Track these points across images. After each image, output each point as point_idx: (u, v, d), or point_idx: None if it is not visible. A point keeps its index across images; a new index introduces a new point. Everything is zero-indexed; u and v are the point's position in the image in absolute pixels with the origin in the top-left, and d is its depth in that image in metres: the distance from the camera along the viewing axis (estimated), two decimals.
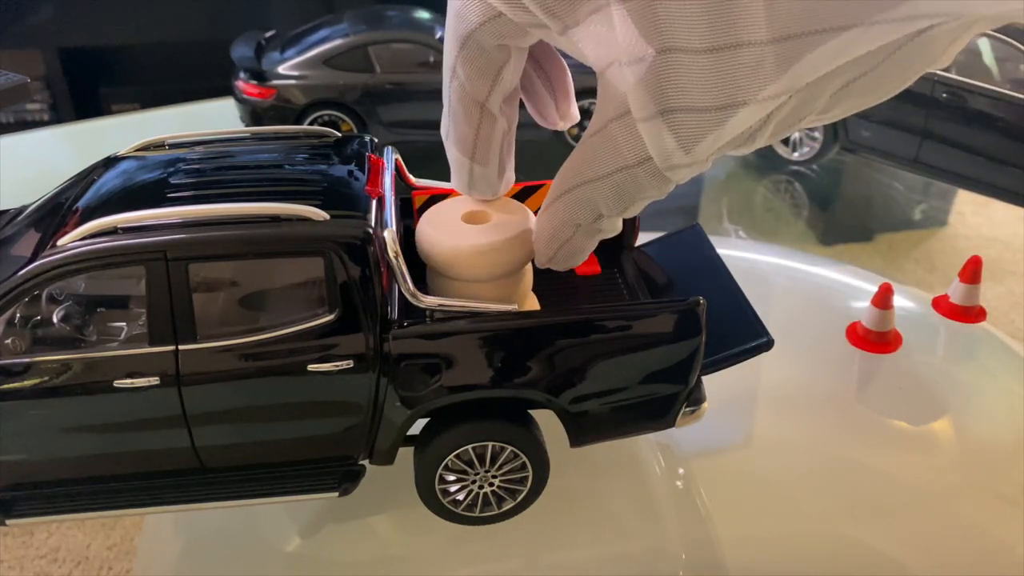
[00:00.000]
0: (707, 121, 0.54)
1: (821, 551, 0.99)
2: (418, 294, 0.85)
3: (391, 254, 0.85)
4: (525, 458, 0.92)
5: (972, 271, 1.32)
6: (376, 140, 1.04)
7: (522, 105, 0.79)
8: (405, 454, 0.93)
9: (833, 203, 2.42)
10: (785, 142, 2.45)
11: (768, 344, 0.96)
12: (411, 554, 0.98)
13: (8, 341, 0.84)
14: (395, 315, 0.88)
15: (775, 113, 0.55)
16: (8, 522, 0.87)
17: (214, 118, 2.50)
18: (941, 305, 1.35)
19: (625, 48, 0.55)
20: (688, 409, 0.93)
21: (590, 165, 0.64)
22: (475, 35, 0.62)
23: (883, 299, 1.26)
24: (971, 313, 1.33)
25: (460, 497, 0.93)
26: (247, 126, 2.28)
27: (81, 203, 0.89)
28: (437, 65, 2.25)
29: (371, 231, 0.85)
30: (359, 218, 0.86)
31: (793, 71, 0.50)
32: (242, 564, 0.96)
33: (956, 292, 1.34)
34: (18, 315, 0.85)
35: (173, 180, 0.90)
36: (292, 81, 2.23)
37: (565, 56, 0.75)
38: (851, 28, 0.48)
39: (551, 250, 0.72)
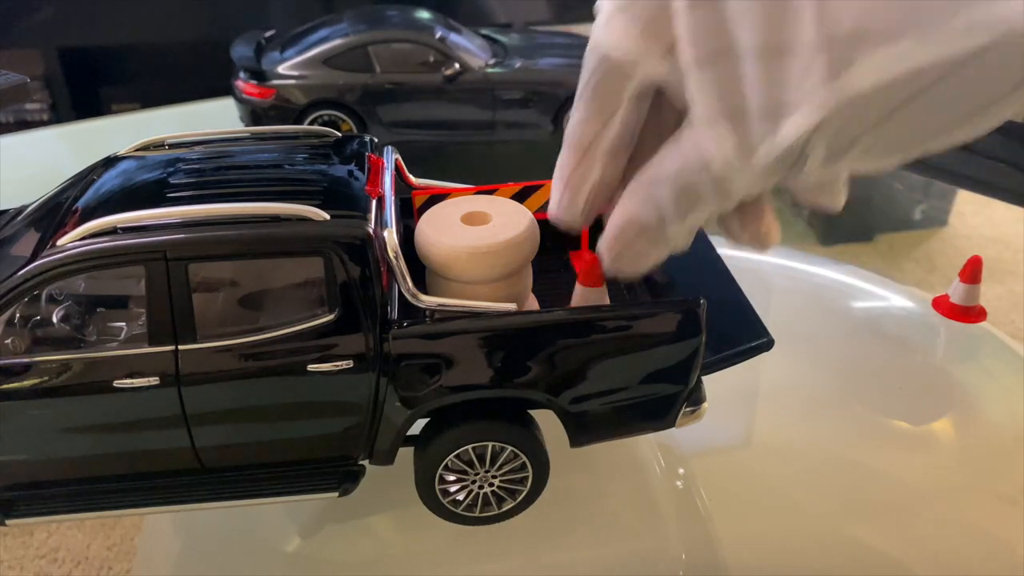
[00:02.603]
0: (762, 127, 0.55)
1: (821, 550, 0.99)
2: (418, 294, 0.85)
3: (391, 254, 0.85)
4: (525, 458, 0.91)
5: (972, 271, 1.32)
6: (376, 140, 1.04)
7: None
8: (405, 454, 0.93)
9: None
10: None
11: (768, 344, 0.96)
12: (411, 554, 0.98)
13: (8, 341, 0.83)
14: (395, 315, 0.88)
15: (825, 126, 0.53)
16: (8, 522, 0.87)
17: (214, 118, 2.50)
18: (941, 305, 1.35)
19: (687, 50, 0.56)
20: (688, 409, 0.93)
21: (658, 166, 0.65)
22: (591, 80, 0.67)
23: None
24: (971, 313, 1.33)
25: (460, 497, 0.93)
26: (247, 126, 2.28)
27: (81, 203, 0.89)
28: (437, 65, 2.25)
29: (371, 231, 0.85)
30: (359, 218, 0.86)
31: (845, 78, 0.50)
32: (242, 564, 0.96)
33: (956, 292, 1.34)
34: (18, 315, 0.85)
35: (173, 180, 0.90)
36: (292, 81, 2.23)
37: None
38: (905, 36, 0.47)
39: (615, 250, 0.72)
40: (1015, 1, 0.44)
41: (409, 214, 1.05)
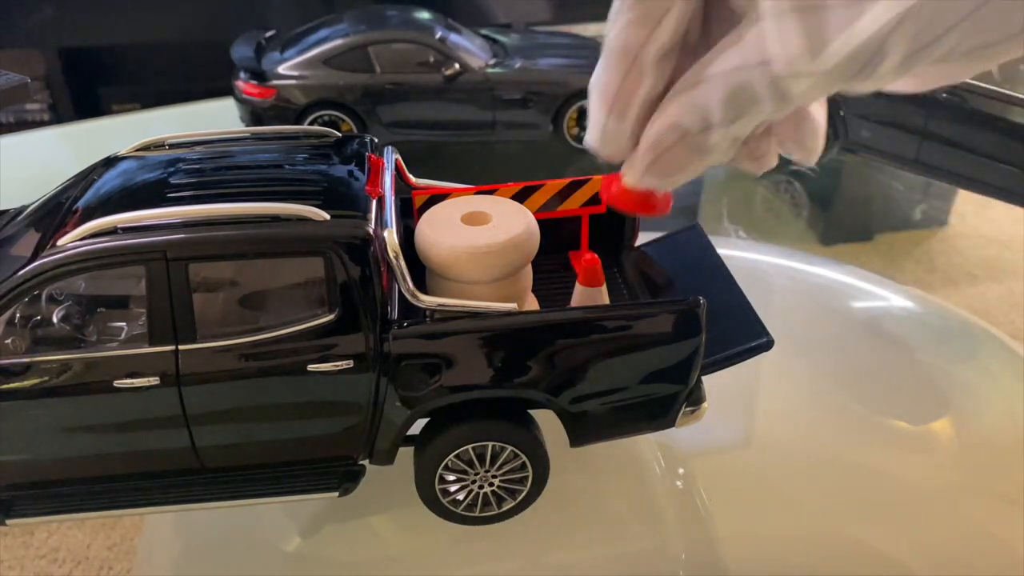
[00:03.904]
0: (839, 18, 0.49)
1: (821, 551, 0.99)
2: (418, 294, 0.85)
3: (391, 254, 0.85)
4: (525, 458, 0.92)
5: None
6: (376, 140, 1.04)
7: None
8: (405, 454, 0.93)
9: (833, 203, 2.42)
10: None
11: (768, 344, 0.96)
12: (411, 554, 0.98)
13: (8, 341, 0.84)
14: (395, 315, 0.88)
15: (912, 15, 0.48)
16: (8, 522, 0.87)
17: (214, 118, 2.50)
18: (612, 190, 0.91)
19: None
20: (688, 409, 0.93)
21: (710, 64, 0.58)
22: None
23: None
24: (651, 202, 0.94)
25: (460, 497, 0.93)
26: (247, 126, 2.28)
27: (81, 203, 0.89)
28: (437, 65, 2.25)
29: (371, 231, 0.85)
30: (359, 218, 0.86)
31: None
32: (242, 564, 0.96)
33: None
34: (18, 315, 0.85)
35: (173, 180, 0.90)
36: (292, 81, 2.23)
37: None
38: None
39: (648, 158, 0.63)
40: None
41: (409, 214, 1.06)
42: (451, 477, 0.92)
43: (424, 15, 2.42)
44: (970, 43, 0.50)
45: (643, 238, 1.17)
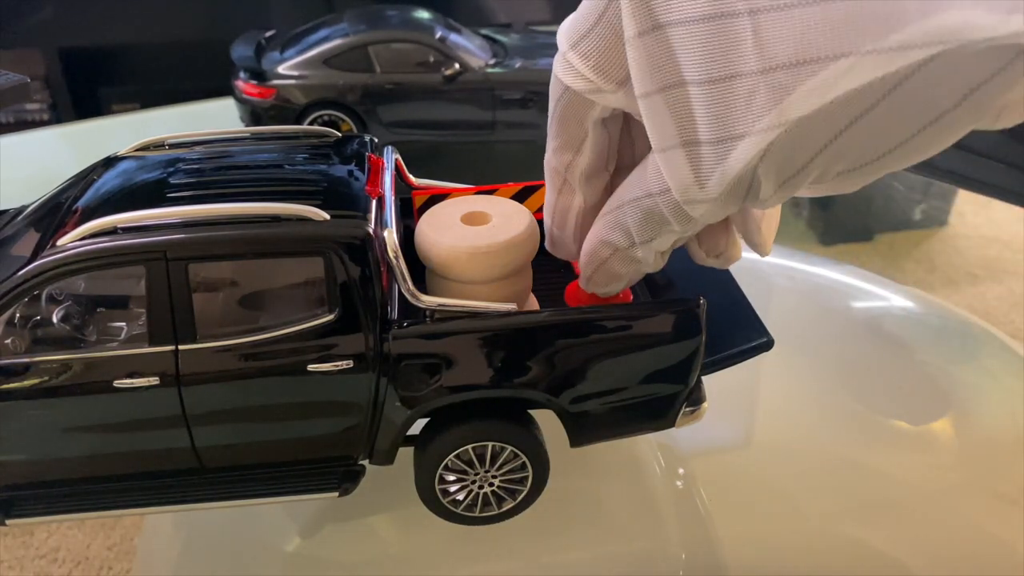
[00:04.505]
0: (714, 154, 0.56)
1: (821, 551, 0.99)
2: (418, 294, 0.85)
3: (391, 254, 0.85)
4: (525, 458, 0.92)
5: None
6: (376, 140, 1.04)
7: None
8: (405, 454, 0.93)
9: (833, 203, 2.42)
10: None
11: (768, 344, 0.96)
12: (411, 554, 0.98)
13: (8, 341, 0.84)
14: (395, 315, 0.88)
15: (773, 151, 0.54)
16: (8, 522, 0.87)
17: (214, 118, 2.50)
18: (579, 296, 0.94)
19: (639, 83, 0.57)
20: (688, 409, 0.93)
21: (626, 189, 0.67)
22: (556, 110, 0.69)
23: None
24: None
25: (460, 497, 0.93)
26: (247, 126, 2.28)
27: (81, 203, 0.89)
28: (437, 65, 2.25)
29: (371, 231, 0.85)
30: (359, 218, 0.86)
31: (787, 103, 0.51)
32: (242, 564, 0.96)
33: None
34: (18, 315, 0.85)
35: (173, 180, 0.90)
36: (292, 81, 2.23)
37: None
38: (841, 58, 0.48)
39: (589, 270, 0.75)
40: (947, 17, 0.44)
41: (409, 214, 1.06)
42: (451, 477, 0.92)
43: (424, 15, 2.42)
44: (838, 168, 0.57)
45: None
